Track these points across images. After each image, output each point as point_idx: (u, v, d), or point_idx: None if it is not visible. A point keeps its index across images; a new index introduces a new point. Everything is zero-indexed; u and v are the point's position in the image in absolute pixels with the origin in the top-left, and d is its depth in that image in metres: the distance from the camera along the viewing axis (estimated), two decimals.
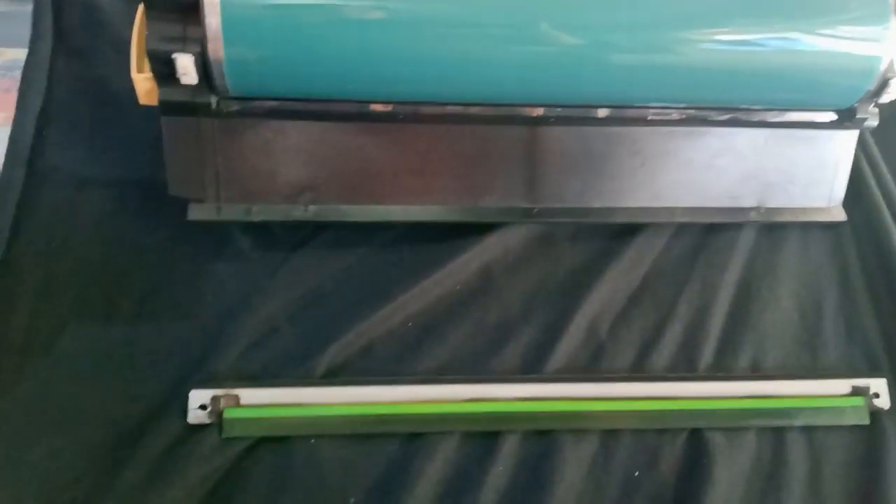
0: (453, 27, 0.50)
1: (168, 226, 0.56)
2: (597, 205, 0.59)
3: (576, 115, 0.56)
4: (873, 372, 0.58)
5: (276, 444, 0.51)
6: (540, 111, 0.56)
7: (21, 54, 0.64)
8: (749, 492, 0.52)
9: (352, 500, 0.49)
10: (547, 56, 0.52)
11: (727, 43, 0.53)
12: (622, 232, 0.61)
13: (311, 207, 0.56)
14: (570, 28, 0.50)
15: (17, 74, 0.63)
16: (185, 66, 0.46)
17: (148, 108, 0.52)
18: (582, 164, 0.59)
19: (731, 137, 0.60)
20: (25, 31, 0.64)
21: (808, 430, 0.54)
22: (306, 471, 0.50)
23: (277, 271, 0.56)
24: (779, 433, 0.54)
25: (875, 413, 0.55)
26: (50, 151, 0.60)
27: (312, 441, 0.51)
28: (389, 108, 0.54)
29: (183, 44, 0.46)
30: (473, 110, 0.55)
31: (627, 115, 0.57)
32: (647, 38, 0.52)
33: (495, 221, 0.59)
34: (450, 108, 0.54)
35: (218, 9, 0.45)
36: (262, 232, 0.57)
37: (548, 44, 0.51)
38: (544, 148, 0.58)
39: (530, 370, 0.55)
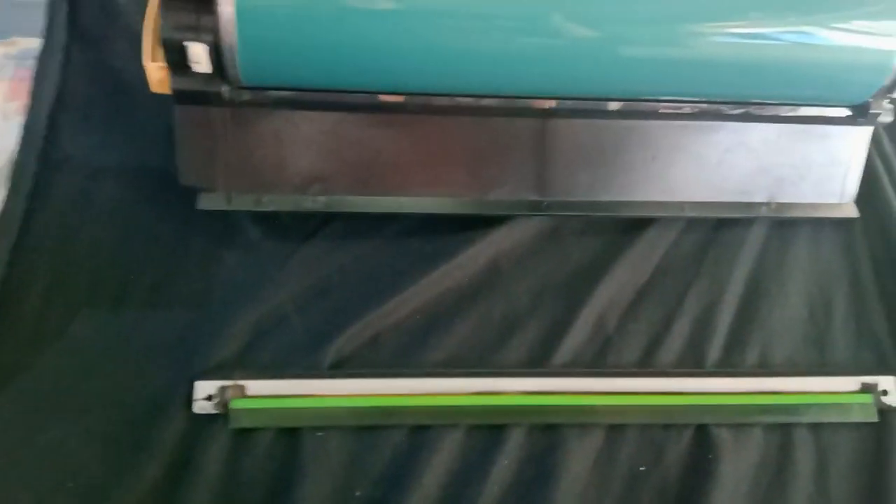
0: (465, 18, 0.50)
1: (179, 215, 0.57)
2: (607, 198, 0.59)
3: (587, 108, 0.56)
4: (882, 369, 0.57)
5: (284, 436, 0.51)
6: (551, 103, 0.56)
7: (36, 44, 0.64)
8: (755, 489, 0.51)
9: (358, 492, 0.49)
10: (558, 48, 0.51)
11: (740, 36, 0.53)
12: (631, 226, 0.61)
13: (321, 198, 0.56)
14: (582, 20, 0.50)
15: (33, 64, 0.63)
16: (198, 55, 0.47)
17: (161, 98, 0.52)
18: (592, 157, 0.58)
19: (744, 132, 0.60)
20: (40, 21, 0.65)
21: (816, 428, 0.54)
22: (313, 463, 0.50)
23: (287, 261, 0.57)
24: (786, 430, 0.54)
25: (883, 410, 0.55)
26: (63, 140, 0.61)
27: (319, 434, 0.51)
28: (400, 99, 0.54)
29: (196, 32, 0.46)
30: (484, 102, 0.55)
31: (639, 109, 0.57)
32: (660, 31, 0.52)
33: (504, 214, 0.59)
34: (460, 100, 0.55)
35: None
36: (273, 222, 0.58)
37: (560, 36, 0.51)
38: (555, 141, 0.58)
39: (537, 364, 0.55)
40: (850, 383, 0.56)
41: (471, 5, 0.50)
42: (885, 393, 0.56)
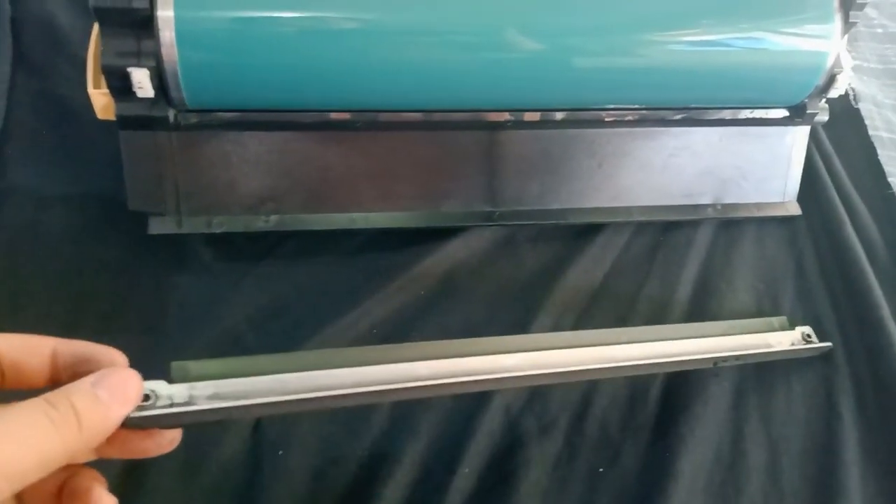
0: (410, 35, 0.51)
1: (130, 240, 0.56)
2: (556, 206, 0.60)
3: (533, 119, 0.57)
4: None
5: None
6: (497, 116, 0.57)
7: None
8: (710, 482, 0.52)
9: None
10: (503, 62, 0.52)
11: (679, 44, 0.55)
12: (583, 232, 0.62)
13: (273, 217, 0.56)
14: (525, 34, 0.51)
15: None
16: (141, 81, 0.47)
17: (108, 124, 0.52)
18: (540, 166, 0.60)
19: (687, 137, 0.62)
20: None
21: (767, 422, 0.54)
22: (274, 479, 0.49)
23: (241, 282, 0.56)
24: (738, 425, 0.54)
25: (833, 400, 0.56)
26: (10, 170, 0.60)
27: (280, 453, 0.51)
28: (347, 116, 0.54)
29: (138, 58, 0.47)
30: (432, 117, 0.55)
31: (584, 118, 0.58)
32: (602, 42, 0.53)
33: (457, 226, 0.60)
34: (408, 115, 0.55)
35: (172, 23, 0.46)
36: (225, 243, 0.57)
37: (504, 50, 0.52)
38: (503, 152, 0.59)
39: None
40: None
41: (415, 22, 0.50)
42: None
